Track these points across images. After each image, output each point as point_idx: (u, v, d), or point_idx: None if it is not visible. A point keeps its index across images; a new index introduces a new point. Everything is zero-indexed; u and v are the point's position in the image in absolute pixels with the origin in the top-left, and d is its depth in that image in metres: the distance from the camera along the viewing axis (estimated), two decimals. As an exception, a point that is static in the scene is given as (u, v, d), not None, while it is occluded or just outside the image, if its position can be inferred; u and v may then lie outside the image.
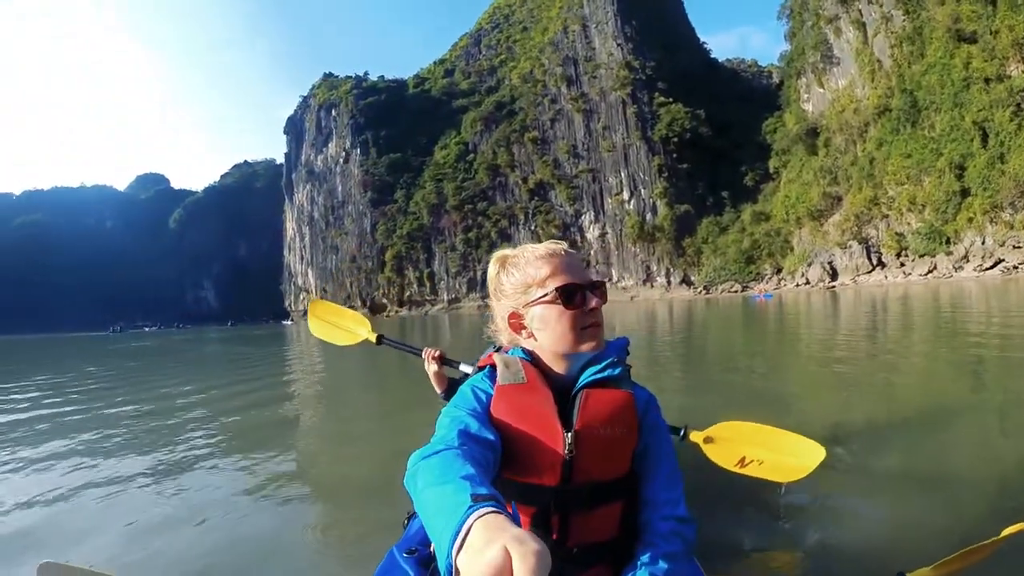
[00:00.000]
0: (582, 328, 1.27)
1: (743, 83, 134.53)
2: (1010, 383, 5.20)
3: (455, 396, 1.31)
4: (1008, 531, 1.39)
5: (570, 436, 1.21)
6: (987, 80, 56.02)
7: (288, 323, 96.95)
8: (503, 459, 1.20)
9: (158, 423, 5.52)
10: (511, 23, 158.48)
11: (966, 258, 53.09)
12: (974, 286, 32.21)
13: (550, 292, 1.26)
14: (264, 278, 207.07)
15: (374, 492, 2.90)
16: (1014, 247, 48.91)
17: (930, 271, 55.26)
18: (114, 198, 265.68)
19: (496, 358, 1.34)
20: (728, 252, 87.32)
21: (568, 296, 1.25)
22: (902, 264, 61.37)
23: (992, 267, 48.18)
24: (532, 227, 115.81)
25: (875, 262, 65.21)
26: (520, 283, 1.31)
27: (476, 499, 0.75)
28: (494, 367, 1.33)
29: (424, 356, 2.39)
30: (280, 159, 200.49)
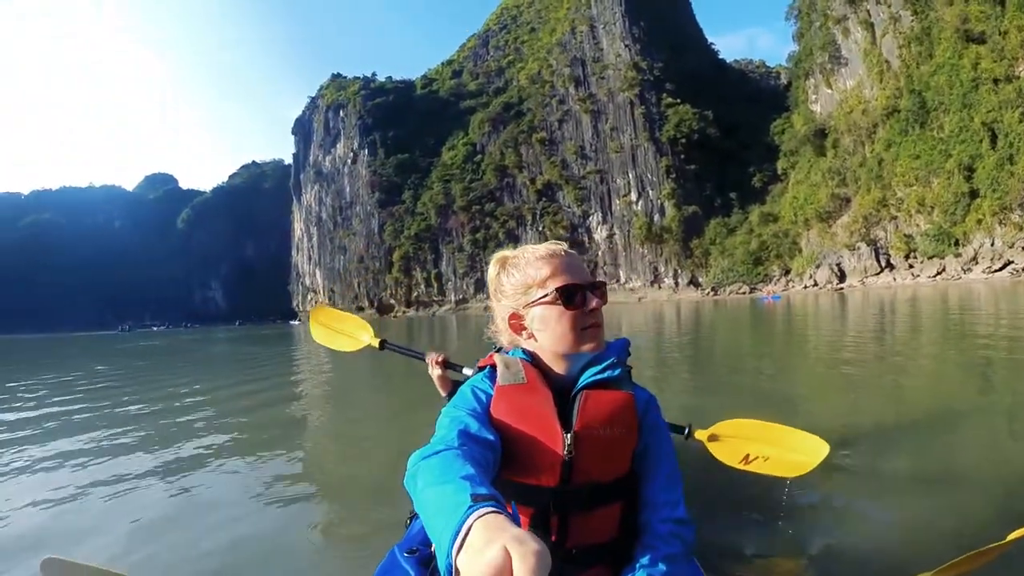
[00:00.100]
0: (582, 329, 1.27)
1: (751, 84, 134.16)
2: (1019, 385, 5.15)
3: (455, 396, 1.32)
4: (1014, 535, 1.37)
5: (569, 437, 1.21)
6: (996, 81, 55.68)
7: (296, 323, 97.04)
8: (503, 459, 1.20)
9: (166, 422, 5.53)
10: (519, 24, 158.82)
11: (975, 260, 52.76)
12: (983, 288, 31.95)
13: (550, 293, 1.26)
14: (272, 278, 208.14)
15: (379, 492, 2.90)
16: (1023, 249, 48.54)
17: (939, 273, 54.95)
18: (122, 198, 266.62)
19: (496, 358, 1.35)
20: (736, 253, 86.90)
21: (568, 296, 1.25)
22: (911, 266, 61.03)
23: (1001, 269, 47.85)
24: (540, 228, 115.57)
25: (883, 264, 64.88)
26: (520, 284, 1.31)
27: (476, 499, 0.75)
28: (494, 367, 1.34)
29: (428, 361, 2.40)
30: (288, 160, 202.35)
